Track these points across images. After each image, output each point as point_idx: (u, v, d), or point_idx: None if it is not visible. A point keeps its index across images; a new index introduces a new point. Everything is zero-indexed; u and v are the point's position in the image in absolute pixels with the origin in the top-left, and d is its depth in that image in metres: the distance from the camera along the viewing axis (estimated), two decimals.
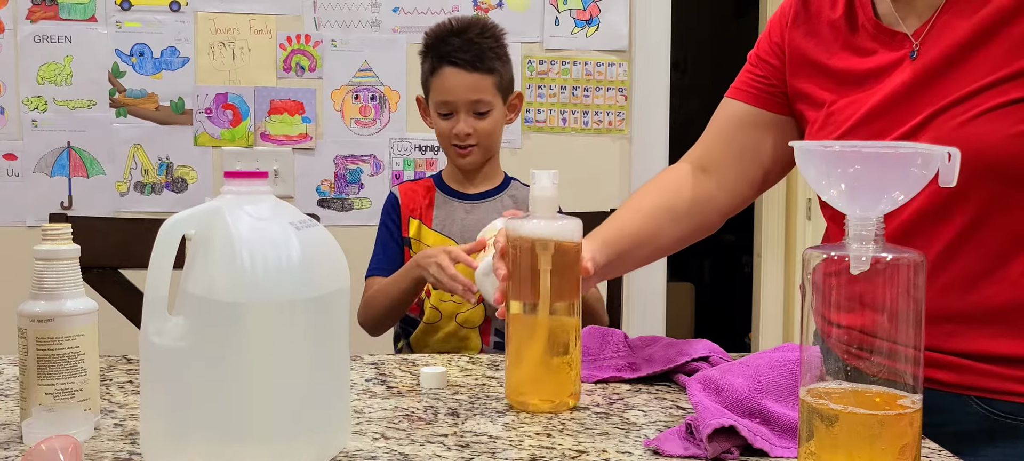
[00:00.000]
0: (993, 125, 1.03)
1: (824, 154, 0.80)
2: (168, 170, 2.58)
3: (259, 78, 2.59)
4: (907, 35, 1.12)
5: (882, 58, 1.15)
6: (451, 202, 1.82)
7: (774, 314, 3.33)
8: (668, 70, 2.70)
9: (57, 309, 0.96)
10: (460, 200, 1.83)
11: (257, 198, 0.87)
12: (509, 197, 1.84)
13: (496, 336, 1.77)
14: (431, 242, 1.77)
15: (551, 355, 1.06)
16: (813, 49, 1.23)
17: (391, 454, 0.92)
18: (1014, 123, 1.02)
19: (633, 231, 1.31)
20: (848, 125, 1.16)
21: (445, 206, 1.82)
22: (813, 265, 0.79)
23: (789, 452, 0.91)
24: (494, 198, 1.83)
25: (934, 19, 1.10)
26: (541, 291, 1.06)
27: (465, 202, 1.82)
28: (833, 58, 1.20)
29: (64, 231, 0.98)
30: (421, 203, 1.82)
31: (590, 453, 0.92)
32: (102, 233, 1.62)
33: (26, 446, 0.92)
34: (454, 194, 1.83)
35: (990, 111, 1.04)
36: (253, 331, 0.82)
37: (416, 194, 1.84)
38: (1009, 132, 1.02)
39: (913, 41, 1.11)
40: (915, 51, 1.11)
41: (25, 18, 2.51)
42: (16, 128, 2.52)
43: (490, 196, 1.83)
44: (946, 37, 1.08)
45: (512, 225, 1.08)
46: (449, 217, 1.81)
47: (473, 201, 1.83)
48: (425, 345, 1.77)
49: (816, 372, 0.80)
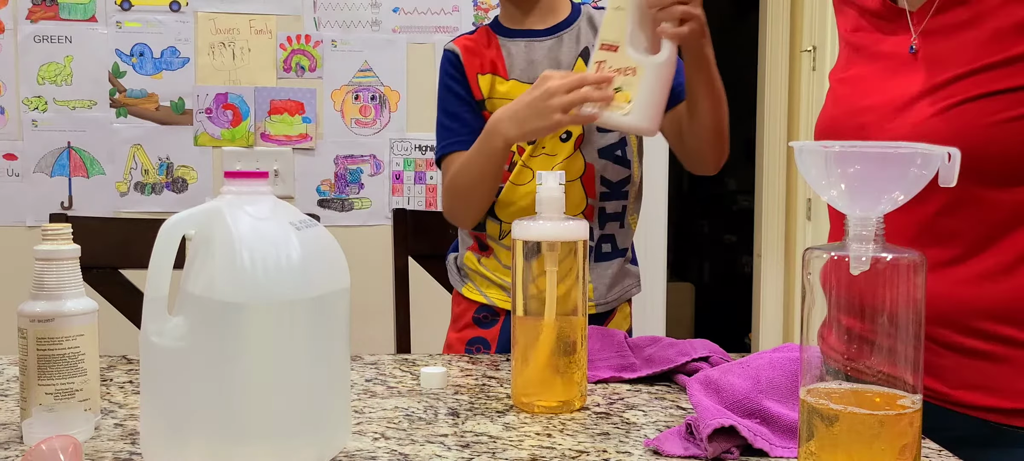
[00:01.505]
0: (966, 117, 1.04)
1: (824, 154, 0.80)
2: (168, 170, 2.58)
3: (259, 78, 2.59)
4: (908, 16, 1.14)
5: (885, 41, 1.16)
6: (520, 42, 1.50)
7: (774, 314, 3.33)
8: None
9: (57, 309, 0.96)
10: (530, 38, 1.50)
11: (257, 198, 0.87)
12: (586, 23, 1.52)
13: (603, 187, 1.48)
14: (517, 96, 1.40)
15: (557, 356, 1.06)
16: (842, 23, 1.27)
17: (391, 454, 0.92)
18: (987, 114, 1.03)
19: None
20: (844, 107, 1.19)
21: (517, 49, 1.50)
22: (813, 265, 0.79)
23: (789, 452, 0.91)
24: (570, 28, 1.51)
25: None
26: (547, 292, 1.06)
27: (537, 39, 1.50)
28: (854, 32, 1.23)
29: (64, 231, 0.98)
30: (487, 53, 1.50)
31: (590, 453, 0.92)
32: (102, 233, 1.62)
33: (26, 446, 0.92)
34: (522, 34, 1.51)
35: (965, 102, 1.04)
36: (253, 331, 0.82)
37: (478, 45, 1.51)
38: (980, 123, 1.03)
39: (912, 29, 1.13)
40: (913, 45, 1.12)
41: (25, 18, 2.50)
42: (16, 128, 2.52)
43: (568, 26, 1.51)
44: (941, 21, 1.10)
45: (518, 226, 1.08)
46: (527, 60, 1.49)
47: (546, 36, 1.50)
48: (512, 208, 1.47)
49: (816, 372, 0.80)
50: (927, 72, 1.09)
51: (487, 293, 1.52)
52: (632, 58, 1.28)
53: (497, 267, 1.51)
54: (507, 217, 1.47)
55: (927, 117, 1.06)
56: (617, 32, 1.29)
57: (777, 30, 3.25)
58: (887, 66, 1.16)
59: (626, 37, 1.28)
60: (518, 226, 1.08)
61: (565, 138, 1.45)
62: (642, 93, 1.27)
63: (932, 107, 1.07)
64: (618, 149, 1.47)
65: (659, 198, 2.68)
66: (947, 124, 1.04)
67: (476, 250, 1.54)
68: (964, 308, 1.05)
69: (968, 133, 1.02)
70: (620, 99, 1.28)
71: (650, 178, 2.71)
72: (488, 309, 1.52)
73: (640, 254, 1.61)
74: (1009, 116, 1.03)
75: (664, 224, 2.71)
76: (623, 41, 1.28)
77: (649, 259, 2.69)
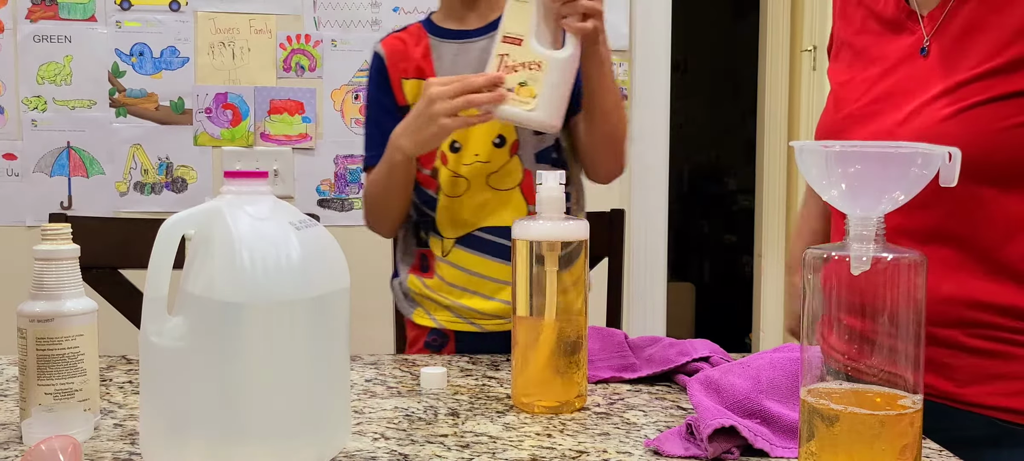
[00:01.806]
0: (977, 121, 1.04)
1: (824, 154, 0.80)
2: (168, 170, 2.58)
3: (259, 78, 2.59)
4: (919, 18, 1.14)
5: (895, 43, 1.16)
6: (452, 44, 1.45)
7: (774, 314, 3.33)
8: (668, 70, 2.69)
9: (57, 309, 0.96)
10: (462, 39, 1.45)
11: (257, 198, 0.87)
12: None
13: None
14: None
15: (558, 357, 1.06)
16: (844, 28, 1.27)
17: (391, 454, 0.92)
18: (999, 119, 1.03)
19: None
20: (848, 110, 1.18)
21: (447, 51, 1.45)
22: (813, 265, 0.79)
23: (790, 452, 0.91)
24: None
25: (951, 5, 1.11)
26: (548, 292, 1.06)
27: (470, 40, 1.44)
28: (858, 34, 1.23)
29: (64, 231, 0.98)
30: (414, 55, 1.45)
31: (590, 453, 0.92)
32: (102, 233, 1.62)
33: (26, 446, 0.92)
34: (454, 35, 1.45)
35: (976, 106, 1.04)
36: (253, 331, 0.82)
37: (405, 46, 1.46)
38: (992, 127, 1.03)
39: (924, 31, 1.13)
40: (925, 48, 1.12)
41: (25, 18, 2.50)
42: (16, 128, 2.52)
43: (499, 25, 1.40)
44: (953, 23, 1.10)
45: (518, 226, 1.08)
46: (457, 63, 1.44)
47: (478, 37, 1.44)
48: (455, 223, 1.44)
49: (817, 372, 0.79)
50: (938, 74, 1.09)
51: (436, 316, 1.47)
52: (537, 52, 1.28)
53: (441, 287, 1.46)
54: (451, 233, 1.44)
55: (938, 120, 1.06)
56: (521, 25, 1.29)
57: (777, 30, 3.25)
58: (894, 68, 1.15)
59: (531, 31, 1.28)
60: (518, 226, 1.08)
61: (499, 144, 1.42)
62: (547, 88, 1.27)
63: (943, 110, 1.07)
64: (554, 152, 1.44)
65: (659, 198, 2.68)
66: (958, 128, 1.04)
67: (417, 271, 1.49)
68: (973, 307, 1.05)
69: (979, 137, 1.03)
70: (525, 94, 1.28)
71: (650, 178, 2.72)
72: (437, 332, 1.48)
73: (640, 254, 1.61)
74: (1020, 122, 1.03)
75: (664, 224, 2.71)
76: (528, 35, 1.28)
77: (649, 259, 2.69)
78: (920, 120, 1.08)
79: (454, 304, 1.45)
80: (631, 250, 2.63)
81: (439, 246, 1.46)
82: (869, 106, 1.17)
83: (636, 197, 2.64)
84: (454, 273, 1.44)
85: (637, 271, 2.67)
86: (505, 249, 1.40)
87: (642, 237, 2.67)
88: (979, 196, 1.05)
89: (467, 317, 1.44)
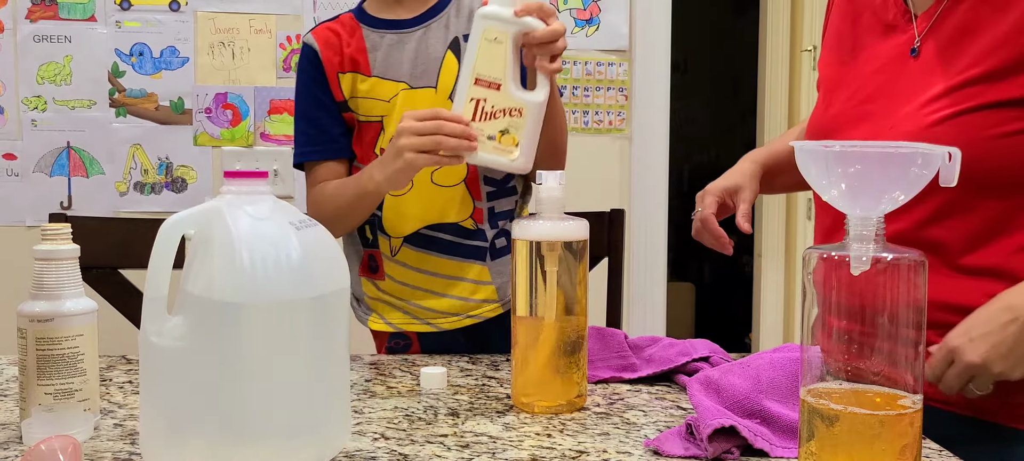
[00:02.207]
0: (965, 129, 1.04)
1: (824, 154, 0.80)
2: (168, 170, 2.58)
3: (259, 78, 2.59)
4: (913, 19, 1.14)
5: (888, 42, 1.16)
6: (387, 35, 1.40)
7: (774, 314, 3.33)
8: (668, 70, 2.69)
9: (57, 309, 0.96)
10: (397, 30, 1.40)
11: (257, 198, 0.87)
12: (455, 11, 1.42)
13: (488, 186, 1.43)
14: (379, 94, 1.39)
15: (558, 357, 1.06)
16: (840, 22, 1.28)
17: (391, 454, 0.92)
18: (987, 127, 1.03)
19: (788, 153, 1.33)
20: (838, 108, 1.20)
21: (381, 43, 1.40)
22: (813, 265, 0.79)
23: (789, 452, 0.91)
24: (438, 17, 1.41)
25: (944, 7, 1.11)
26: (548, 292, 1.06)
27: (405, 30, 1.40)
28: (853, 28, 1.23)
29: (63, 231, 0.98)
30: (347, 50, 1.40)
31: (590, 453, 0.92)
32: (102, 233, 1.62)
33: (26, 446, 0.92)
34: (388, 25, 1.40)
35: (964, 113, 1.05)
36: (253, 331, 0.82)
37: (338, 39, 1.40)
38: (980, 135, 1.03)
39: (916, 31, 1.13)
40: (916, 48, 1.12)
41: (25, 18, 2.50)
42: (16, 128, 2.52)
43: (435, 14, 1.41)
44: (946, 24, 1.10)
45: (518, 226, 1.08)
46: (391, 56, 1.40)
47: (414, 27, 1.40)
48: (402, 222, 1.41)
49: (816, 372, 0.79)
50: (928, 76, 1.09)
51: (391, 319, 1.45)
52: (517, 99, 1.25)
53: (393, 287, 1.44)
54: (396, 232, 1.42)
55: (927, 126, 1.07)
56: (496, 68, 1.24)
57: (777, 30, 3.25)
58: (884, 68, 1.16)
59: (508, 75, 1.24)
60: (518, 226, 1.08)
61: None
62: (528, 135, 1.25)
63: (932, 116, 1.07)
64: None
65: (659, 198, 2.67)
66: (947, 134, 1.04)
67: (366, 273, 1.47)
68: (942, 309, 1.05)
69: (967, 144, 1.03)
70: (507, 142, 1.25)
71: (650, 178, 2.72)
72: (398, 336, 1.47)
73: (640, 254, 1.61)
74: (1008, 130, 1.03)
75: (664, 224, 2.71)
76: (505, 79, 1.24)
77: (649, 259, 2.69)
78: (909, 125, 1.08)
79: (407, 304, 1.44)
80: (631, 250, 2.63)
81: (387, 245, 1.44)
82: (859, 107, 1.17)
83: (636, 197, 2.64)
84: (404, 272, 1.43)
85: (637, 271, 2.67)
86: (453, 245, 1.41)
87: (642, 237, 2.67)
88: (959, 201, 1.05)
89: (422, 318, 1.44)
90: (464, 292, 1.43)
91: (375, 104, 1.40)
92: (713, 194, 1.33)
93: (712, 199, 1.32)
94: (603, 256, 1.77)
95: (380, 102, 1.40)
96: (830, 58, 1.29)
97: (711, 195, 1.32)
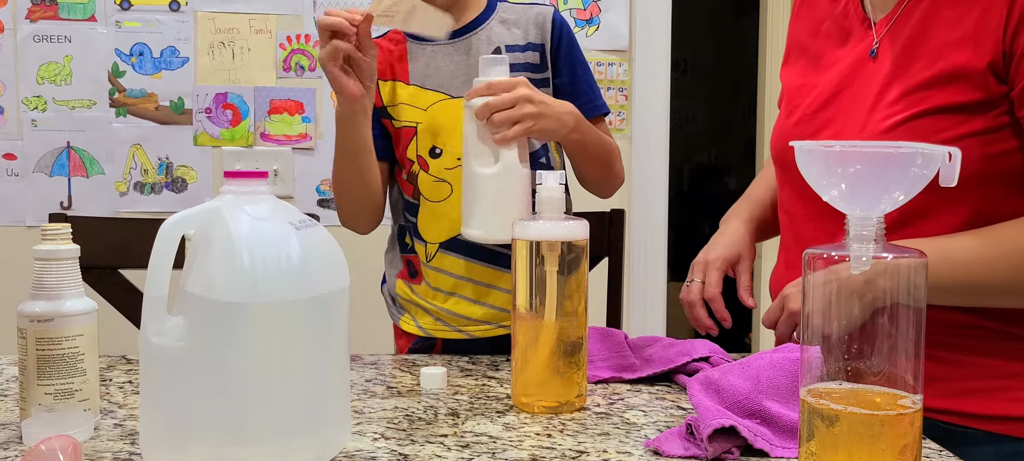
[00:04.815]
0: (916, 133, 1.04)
1: (824, 154, 0.80)
2: (168, 170, 2.58)
3: (259, 78, 2.59)
4: (872, 25, 1.15)
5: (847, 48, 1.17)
6: (428, 47, 1.45)
7: None
8: (668, 70, 2.69)
9: (57, 309, 0.96)
10: (439, 43, 1.44)
11: (257, 198, 0.87)
12: (499, 22, 1.45)
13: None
14: (419, 102, 1.43)
15: (558, 357, 1.06)
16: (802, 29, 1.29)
17: (391, 454, 0.92)
18: (937, 130, 1.04)
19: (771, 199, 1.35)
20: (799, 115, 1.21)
21: (423, 53, 1.45)
22: (813, 265, 0.79)
23: (789, 452, 0.91)
24: (480, 29, 1.45)
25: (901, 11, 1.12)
26: (548, 293, 1.06)
27: (447, 43, 1.44)
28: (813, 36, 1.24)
29: (63, 231, 0.98)
30: (390, 57, 1.46)
31: (590, 453, 0.92)
32: (102, 233, 1.62)
33: (26, 446, 0.92)
34: (429, 39, 1.45)
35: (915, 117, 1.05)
36: (253, 331, 0.82)
37: (381, 49, 1.45)
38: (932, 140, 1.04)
39: (875, 35, 1.14)
40: (875, 49, 1.13)
41: (25, 18, 2.50)
42: (16, 128, 2.52)
43: (476, 27, 1.45)
44: (904, 27, 1.11)
45: (518, 226, 1.08)
46: (431, 65, 1.44)
47: (456, 39, 1.44)
48: (438, 227, 1.43)
49: (816, 372, 0.79)
50: (885, 79, 1.11)
51: (421, 322, 1.46)
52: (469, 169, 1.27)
53: (428, 292, 1.45)
54: (433, 238, 1.43)
55: (884, 130, 1.08)
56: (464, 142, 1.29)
57: (777, 30, 3.25)
58: (844, 74, 1.17)
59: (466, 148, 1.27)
60: (518, 226, 1.08)
61: None
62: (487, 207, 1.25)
63: (887, 121, 1.08)
64: (542, 156, 1.45)
65: (659, 198, 2.68)
66: (900, 139, 1.05)
67: (406, 277, 1.48)
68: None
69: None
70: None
71: (650, 178, 2.72)
72: (423, 340, 1.47)
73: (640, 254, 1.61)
74: (956, 134, 1.03)
75: (664, 224, 2.71)
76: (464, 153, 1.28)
77: (649, 259, 2.69)
78: (868, 129, 1.10)
79: (440, 309, 1.44)
80: (631, 250, 2.63)
81: (423, 251, 1.45)
82: (819, 113, 1.18)
83: (636, 197, 2.64)
84: (439, 277, 1.44)
85: (637, 271, 2.67)
86: (488, 252, 1.40)
87: (642, 237, 2.67)
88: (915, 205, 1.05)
89: (453, 324, 1.43)
90: (498, 301, 1.42)
91: (412, 111, 1.43)
92: (717, 268, 1.29)
93: (718, 275, 1.28)
94: (603, 256, 1.77)
95: (417, 110, 1.43)
96: (792, 68, 1.30)
97: (716, 270, 1.29)
